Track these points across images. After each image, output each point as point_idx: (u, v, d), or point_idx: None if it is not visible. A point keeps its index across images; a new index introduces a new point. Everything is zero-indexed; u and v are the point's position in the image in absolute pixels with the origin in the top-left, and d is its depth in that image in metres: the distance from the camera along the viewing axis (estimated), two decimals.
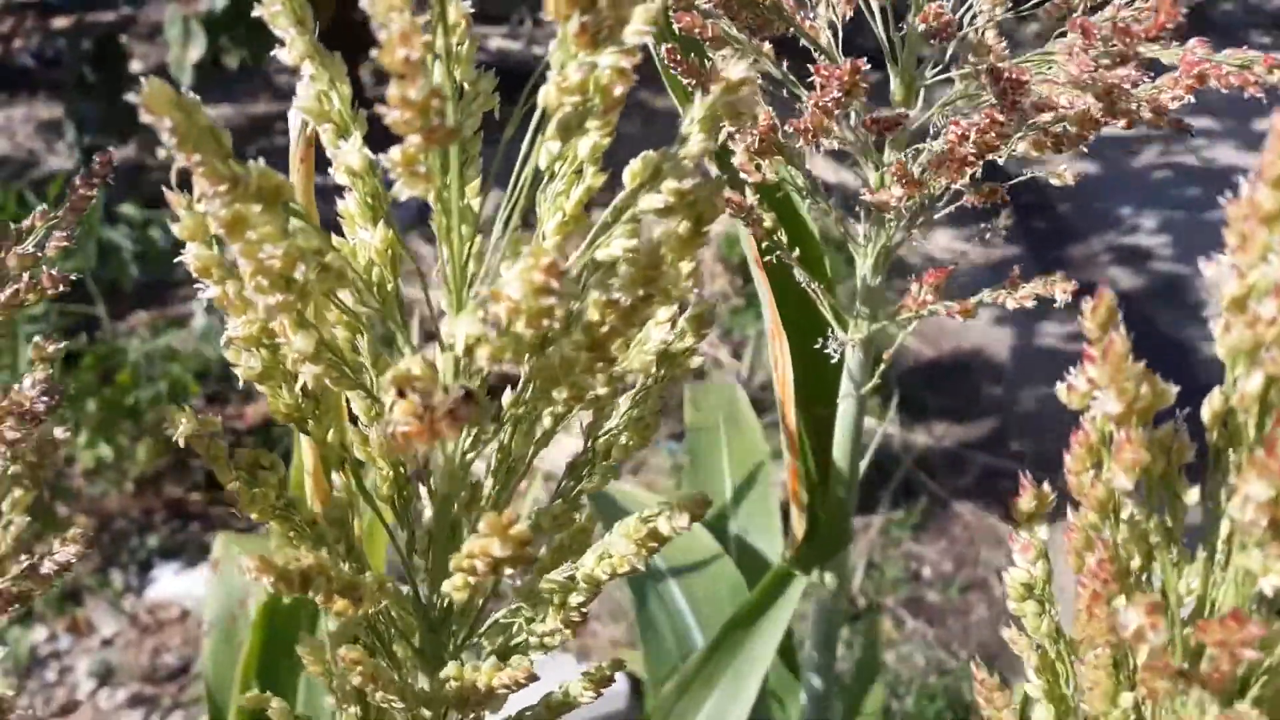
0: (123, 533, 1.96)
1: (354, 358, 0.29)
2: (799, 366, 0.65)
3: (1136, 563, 0.28)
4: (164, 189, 0.26)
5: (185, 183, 0.26)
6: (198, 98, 0.23)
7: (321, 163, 0.48)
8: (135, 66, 3.38)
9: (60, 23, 3.70)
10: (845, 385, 0.62)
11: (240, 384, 0.31)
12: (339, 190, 0.32)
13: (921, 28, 0.49)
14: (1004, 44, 0.50)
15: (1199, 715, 0.26)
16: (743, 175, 0.53)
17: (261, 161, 0.22)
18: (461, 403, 0.22)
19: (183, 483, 2.06)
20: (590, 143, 0.28)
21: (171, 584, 1.88)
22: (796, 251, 0.56)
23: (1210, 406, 0.27)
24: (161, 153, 3.04)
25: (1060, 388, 0.28)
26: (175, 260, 0.28)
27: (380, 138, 0.27)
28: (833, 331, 0.58)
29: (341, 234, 0.32)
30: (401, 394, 0.21)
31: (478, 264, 0.30)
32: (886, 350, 0.60)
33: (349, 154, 0.28)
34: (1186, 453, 0.28)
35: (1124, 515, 0.28)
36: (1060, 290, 0.53)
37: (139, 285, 2.43)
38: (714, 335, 2.43)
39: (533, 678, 0.29)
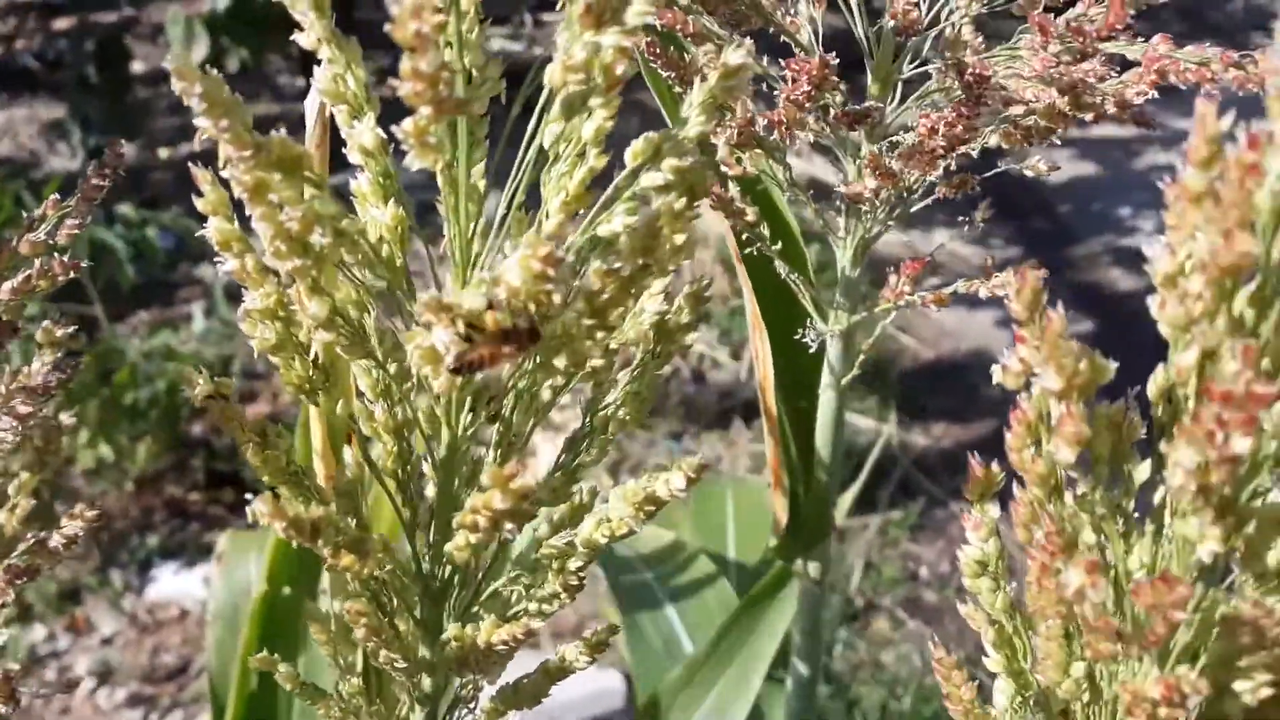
0: (122, 532, 1.97)
1: (364, 329, 0.30)
2: (781, 359, 0.65)
3: (1087, 537, 0.28)
4: (189, 165, 0.27)
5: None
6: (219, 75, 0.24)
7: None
8: (137, 67, 3.39)
9: (62, 23, 3.72)
10: (826, 376, 0.63)
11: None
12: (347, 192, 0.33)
13: (891, 24, 0.50)
14: (980, 39, 0.51)
15: (1144, 681, 0.26)
16: (724, 168, 0.54)
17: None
18: (528, 330, 0.24)
19: (182, 483, 2.06)
20: (594, 125, 0.29)
21: (171, 583, 1.89)
22: (778, 245, 0.57)
23: (1154, 382, 0.28)
24: (163, 153, 3.05)
25: (995, 369, 0.29)
26: (174, 262, 0.29)
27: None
28: (812, 323, 0.59)
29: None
30: (452, 320, 0.22)
31: (483, 242, 0.31)
32: (866, 342, 0.61)
33: (363, 133, 0.29)
34: (1137, 430, 0.28)
35: (1073, 490, 0.29)
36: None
37: (137, 286, 2.44)
38: (713, 336, 2.44)
39: (531, 634, 0.30)
